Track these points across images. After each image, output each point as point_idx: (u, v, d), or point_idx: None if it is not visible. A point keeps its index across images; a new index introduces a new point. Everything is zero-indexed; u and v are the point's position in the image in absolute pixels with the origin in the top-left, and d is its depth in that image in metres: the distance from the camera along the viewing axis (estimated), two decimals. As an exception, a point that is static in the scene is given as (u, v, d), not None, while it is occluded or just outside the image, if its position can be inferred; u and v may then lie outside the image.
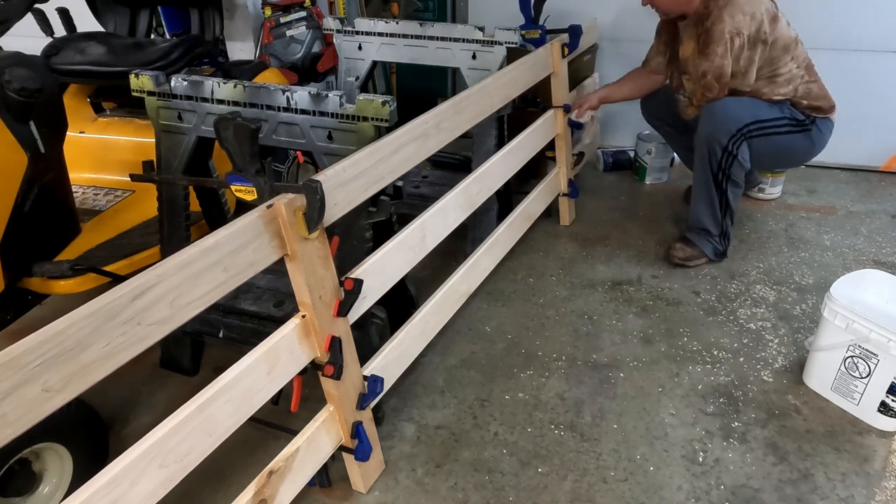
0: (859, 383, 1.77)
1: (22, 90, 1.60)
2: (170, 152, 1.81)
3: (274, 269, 1.29)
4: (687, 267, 2.51)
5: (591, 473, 1.64)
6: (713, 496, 1.58)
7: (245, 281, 1.18)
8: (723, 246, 2.52)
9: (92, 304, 0.94)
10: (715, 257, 2.53)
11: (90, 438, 1.56)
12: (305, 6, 3.04)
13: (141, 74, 1.73)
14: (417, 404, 1.88)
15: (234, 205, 2.14)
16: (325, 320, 1.36)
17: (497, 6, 3.59)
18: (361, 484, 1.59)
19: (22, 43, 1.87)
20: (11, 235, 1.68)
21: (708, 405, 1.86)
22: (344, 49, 2.68)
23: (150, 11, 2.67)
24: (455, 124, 1.84)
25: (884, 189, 3.20)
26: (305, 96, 1.62)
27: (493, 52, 2.42)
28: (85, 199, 2.22)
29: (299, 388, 1.46)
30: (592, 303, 2.33)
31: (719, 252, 2.53)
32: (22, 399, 0.87)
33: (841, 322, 1.76)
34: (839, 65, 3.19)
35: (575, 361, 2.04)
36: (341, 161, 1.39)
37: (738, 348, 2.09)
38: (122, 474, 1.01)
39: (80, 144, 2.34)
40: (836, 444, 1.72)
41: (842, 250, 2.65)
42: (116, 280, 1.79)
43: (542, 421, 1.81)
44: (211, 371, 2.00)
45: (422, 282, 2.29)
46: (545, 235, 2.77)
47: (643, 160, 3.25)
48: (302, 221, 1.25)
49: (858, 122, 3.28)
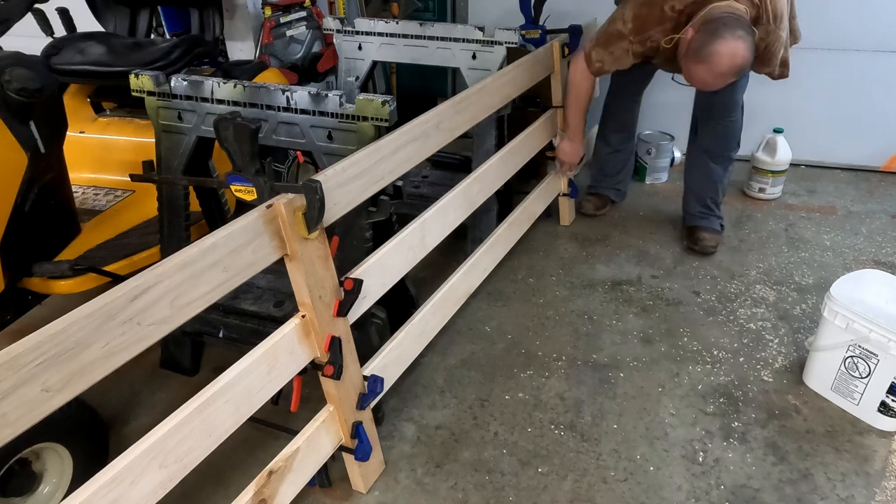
0: (859, 383, 1.77)
1: (22, 90, 1.60)
2: (170, 152, 1.81)
3: (274, 269, 1.29)
4: (713, 253, 2.60)
5: (591, 473, 1.64)
6: (713, 496, 1.58)
7: (245, 281, 1.18)
8: (722, 216, 2.70)
9: (92, 304, 0.94)
10: (721, 231, 2.69)
11: (90, 438, 1.56)
12: (305, 6, 3.03)
13: (141, 74, 1.73)
14: (417, 404, 1.88)
15: (234, 205, 2.14)
16: (325, 320, 1.36)
17: (497, 6, 3.59)
18: (361, 484, 1.59)
19: (22, 43, 1.87)
20: (11, 235, 1.67)
21: (708, 405, 1.86)
22: (344, 49, 2.68)
23: (150, 11, 2.66)
24: (455, 124, 1.84)
25: (884, 189, 3.20)
26: (305, 96, 1.62)
27: (493, 52, 2.42)
28: (85, 199, 2.22)
29: (299, 388, 1.46)
30: (592, 303, 2.33)
31: (723, 225, 2.70)
32: (22, 399, 0.87)
33: (841, 322, 1.76)
34: (839, 65, 3.20)
35: (575, 361, 2.04)
36: (341, 161, 1.39)
37: (738, 348, 2.08)
38: (123, 474, 1.01)
39: (80, 144, 2.34)
40: (836, 444, 1.72)
41: (842, 250, 2.64)
42: (116, 280, 1.79)
43: (542, 421, 1.81)
44: (211, 371, 2.00)
45: (422, 282, 2.29)
46: (545, 235, 2.77)
47: (643, 160, 3.25)
48: (302, 221, 1.25)
49: (858, 122, 3.28)
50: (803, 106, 3.27)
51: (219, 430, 1.18)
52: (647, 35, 2.14)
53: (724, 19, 1.92)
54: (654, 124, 3.35)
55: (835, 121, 3.32)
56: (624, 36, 2.18)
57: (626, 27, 2.16)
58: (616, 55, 2.24)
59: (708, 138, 2.55)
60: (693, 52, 1.95)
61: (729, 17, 1.93)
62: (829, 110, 3.29)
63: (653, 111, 3.35)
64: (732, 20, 1.92)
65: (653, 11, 2.10)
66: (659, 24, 2.10)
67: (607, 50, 2.24)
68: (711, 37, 1.90)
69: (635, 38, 2.16)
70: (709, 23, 1.94)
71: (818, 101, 3.26)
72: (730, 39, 1.88)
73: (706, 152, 2.57)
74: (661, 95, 3.23)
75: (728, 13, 1.94)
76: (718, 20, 1.92)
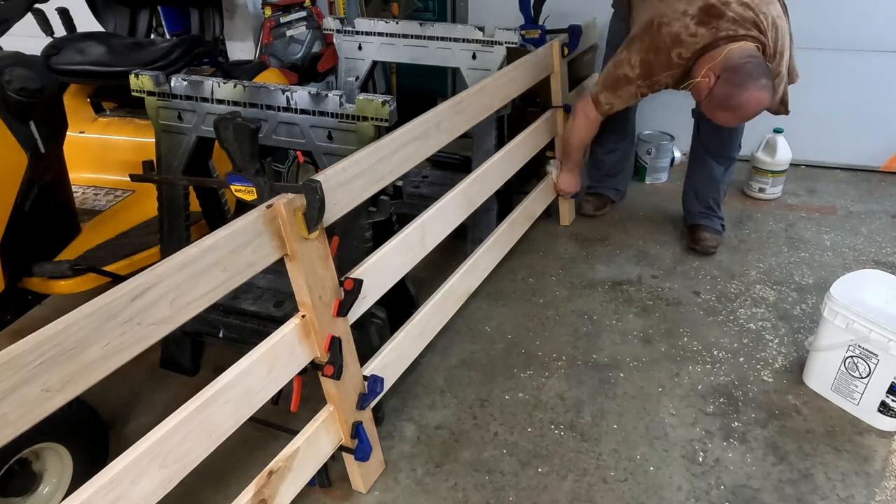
0: (859, 383, 1.77)
1: (22, 90, 1.60)
2: (170, 152, 1.81)
3: (274, 269, 1.29)
4: (713, 253, 2.60)
5: (591, 473, 1.64)
6: (713, 496, 1.58)
7: (245, 281, 1.18)
8: (723, 217, 2.69)
9: (92, 304, 0.94)
10: (722, 231, 2.69)
11: (90, 438, 1.56)
12: (305, 6, 3.03)
13: (141, 74, 1.73)
14: (417, 404, 1.88)
15: (234, 205, 2.14)
16: (325, 320, 1.36)
17: (497, 6, 3.59)
18: (361, 484, 1.59)
19: (22, 43, 1.87)
20: (11, 235, 1.67)
21: (708, 405, 1.86)
22: (344, 49, 2.68)
23: (150, 11, 2.66)
24: (455, 124, 1.84)
25: (884, 189, 3.20)
26: (305, 96, 1.62)
27: (493, 52, 2.42)
28: (85, 199, 2.22)
29: (299, 388, 1.46)
30: (592, 303, 2.33)
31: (724, 225, 2.69)
32: (22, 399, 0.87)
33: (841, 322, 1.76)
34: (839, 65, 3.20)
35: (575, 361, 2.04)
36: (341, 161, 1.39)
37: (738, 348, 2.08)
38: (123, 474, 1.01)
39: (80, 144, 2.34)
40: (836, 444, 1.72)
41: (842, 250, 2.64)
42: (116, 280, 1.79)
43: (542, 421, 1.81)
44: (211, 371, 2.00)
45: (422, 282, 2.29)
46: (545, 235, 2.76)
47: (643, 160, 3.25)
48: (302, 221, 1.25)
49: (858, 122, 3.28)
50: (803, 106, 3.25)
51: (219, 431, 1.18)
52: (654, 80, 2.14)
53: (746, 68, 1.90)
54: (654, 124, 3.36)
55: (835, 121, 3.32)
56: (632, 80, 2.16)
57: (633, 72, 2.15)
58: (625, 98, 2.24)
59: (709, 139, 2.55)
60: (718, 102, 1.96)
61: (751, 63, 1.91)
62: (829, 110, 3.29)
63: (653, 111, 3.35)
64: (755, 68, 1.90)
65: (659, 58, 2.08)
66: (667, 69, 2.09)
67: (615, 94, 2.24)
68: (737, 89, 1.89)
69: (644, 83, 2.16)
70: (732, 71, 1.92)
71: (818, 101, 3.26)
72: (755, 91, 1.88)
73: (708, 152, 2.57)
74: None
75: (748, 58, 1.92)
76: (742, 69, 1.90)
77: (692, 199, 2.68)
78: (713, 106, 1.99)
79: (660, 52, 2.07)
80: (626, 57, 2.16)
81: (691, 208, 2.70)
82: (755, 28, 1.98)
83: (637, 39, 2.13)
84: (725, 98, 1.93)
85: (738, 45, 1.95)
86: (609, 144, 2.81)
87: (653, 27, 2.06)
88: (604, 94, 2.27)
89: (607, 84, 2.25)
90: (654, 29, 2.06)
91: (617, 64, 2.20)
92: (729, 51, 1.94)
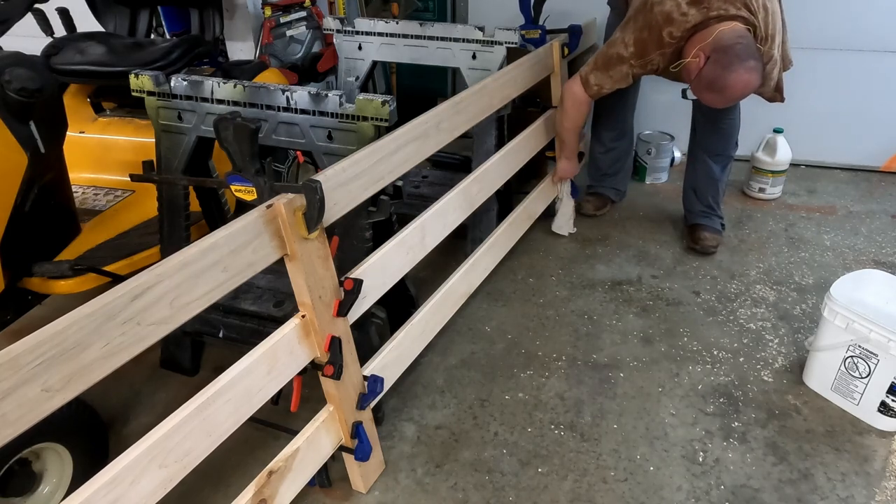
0: (859, 383, 1.77)
1: (22, 90, 1.60)
2: (170, 152, 1.81)
3: (274, 269, 1.29)
4: (713, 253, 2.61)
5: (591, 473, 1.64)
6: (713, 496, 1.58)
7: (245, 281, 1.18)
8: (723, 216, 2.69)
9: (92, 304, 0.94)
10: (722, 231, 2.69)
11: (90, 438, 1.56)
12: (305, 6, 3.03)
13: (141, 74, 1.73)
14: (417, 404, 1.88)
15: (234, 205, 2.14)
16: (325, 320, 1.36)
17: (497, 6, 3.59)
18: (361, 484, 1.59)
19: (22, 43, 1.87)
20: (11, 235, 1.67)
21: (708, 405, 1.86)
22: (344, 49, 2.68)
23: (150, 11, 2.66)
24: (455, 124, 1.84)
25: (884, 189, 3.20)
26: (305, 96, 1.62)
27: (493, 52, 2.42)
28: (85, 199, 2.22)
29: (299, 388, 1.46)
30: (592, 303, 2.33)
31: (723, 224, 2.70)
32: (22, 399, 0.87)
33: (841, 322, 1.76)
34: (839, 65, 3.20)
35: (575, 361, 2.04)
36: (341, 161, 1.39)
37: (738, 348, 2.08)
38: (123, 474, 1.01)
39: (80, 144, 2.34)
40: (836, 444, 1.72)
41: (842, 250, 2.64)
42: (116, 280, 1.79)
43: (542, 421, 1.81)
44: (211, 371, 2.00)
45: (422, 282, 2.29)
46: (545, 235, 2.77)
47: (643, 160, 3.25)
48: (301, 221, 1.25)
49: (858, 122, 3.28)
50: (803, 106, 3.26)
51: (219, 430, 1.18)
52: (648, 59, 2.16)
53: (735, 49, 1.91)
54: (654, 124, 3.36)
55: (835, 121, 3.32)
56: (625, 59, 2.19)
57: (627, 51, 2.17)
58: (616, 78, 2.25)
59: (707, 138, 2.56)
60: (707, 82, 1.98)
61: (740, 45, 1.92)
62: (829, 110, 3.29)
63: (653, 111, 3.36)
64: (743, 49, 1.91)
65: (652, 36, 2.10)
66: (659, 48, 2.12)
67: (607, 73, 2.25)
68: (725, 70, 1.91)
69: (636, 62, 2.18)
70: (721, 52, 1.93)
71: (818, 101, 3.26)
72: (742, 73, 1.90)
73: (705, 152, 2.58)
74: (661, 95, 3.24)
75: (738, 39, 1.93)
76: (730, 50, 1.91)
77: (692, 198, 2.69)
78: (701, 86, 2.01)
79: (652, 30, 2.09)
80: (621, 37, 2.20)
81: (691, 207, 2.70)
82: (745, 8, 2.00)
83: (631, 20, 2.17)
84: (713, 79, 1.95)
85: (728, 27, 1.97)
86: (608, 143, 2.81)
87: (646, 7, 2.11)
88: (594, 75, 2.28)
89: (599, 64, 2.27)
90: (647, 8, 2.10)
91: (610, 44, 2.23)
92: (719, 31, 1.96)
